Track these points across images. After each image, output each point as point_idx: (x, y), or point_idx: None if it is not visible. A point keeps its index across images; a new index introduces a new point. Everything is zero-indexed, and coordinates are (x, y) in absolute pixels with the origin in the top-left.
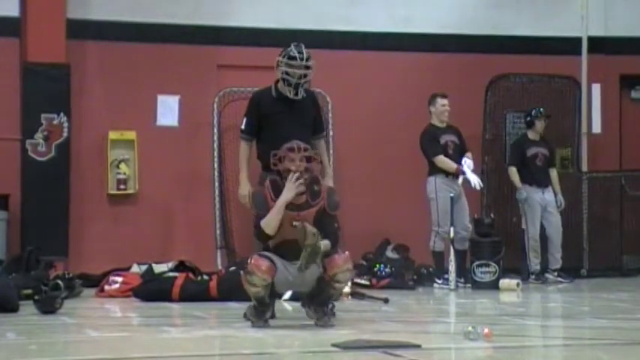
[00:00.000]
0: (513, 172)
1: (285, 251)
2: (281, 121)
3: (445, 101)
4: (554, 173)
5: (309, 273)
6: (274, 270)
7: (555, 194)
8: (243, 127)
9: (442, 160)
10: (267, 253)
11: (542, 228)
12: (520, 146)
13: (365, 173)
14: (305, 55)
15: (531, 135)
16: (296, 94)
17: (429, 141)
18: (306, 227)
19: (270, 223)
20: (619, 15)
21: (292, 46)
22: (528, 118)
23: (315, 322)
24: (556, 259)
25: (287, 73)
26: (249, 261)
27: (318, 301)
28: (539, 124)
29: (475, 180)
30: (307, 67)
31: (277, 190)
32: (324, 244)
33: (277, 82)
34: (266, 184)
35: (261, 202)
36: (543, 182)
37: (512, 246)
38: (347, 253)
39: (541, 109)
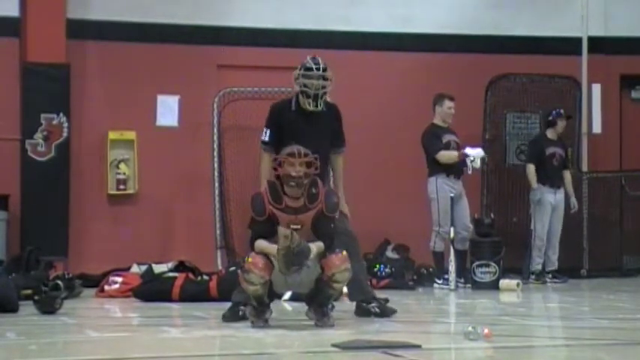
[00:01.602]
0: (531, 169)
1: None
2: (298, 135)
3: (452, 104)
4: (568, 175)
5: (305, 274)
6: (271, 267)
7: (569, 196)
8: (264, 138)
9: (443, 154)
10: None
11: None
12: (539, 144)
13: (365, 173)
14: (321, 66)
15: (550, 134)
16: (316, 105)
17: (430, 139)
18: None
19: (262, 250)
20: (619, 15)
21: (308, 58)
22: (550, 118)
23: (315, 323)
24: (551, 261)
25: (305, 85)
26: (245, 259)
27: (318, 302)
28: (561, 124)
29: (479, 154)
30: (325, 78)
31: (275, 194)
32: (317, 245)
33: (297, 95)
34: (264, 187)
35: (259, 206)
36: (556, 183)
37: (512, 246)
38: (344, 252)
39: (562, 110)
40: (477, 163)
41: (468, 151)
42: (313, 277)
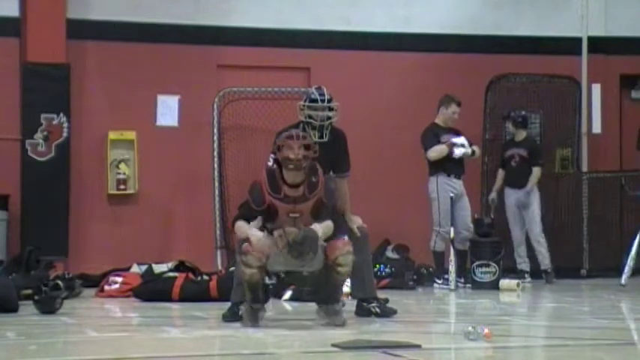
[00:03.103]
0: (498, 174)
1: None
2: None
3: (458, 110)
4: (534, 170)
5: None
6: (267, 250)
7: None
8: (270, 164)
9: (434, 150)
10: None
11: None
12: (503, 148)
13: (365, 173)
14: (326, 97)
15: (515, 136)
16: (321, 136)
17: (428, 138)
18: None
19: (241, 232)
20: (619, 15)
21: (313, 89)
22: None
23: (327, 322)
24: (539, 260)
25: (310, 117)
26: (242, 246)
27: (327, 294)
28: (507, 125)
29: (464, 145)
30: (330, 109)
31: (273, 182)
32: (324, 225)
33: (302, 123)
34: (262, 175)
35: (258, 196)
36: (518, 183)
37: (512, 246)
38: (346, 237)
39: (511, 112)
40: (466, 150)
41: (457, 143)
42: (311, 255)
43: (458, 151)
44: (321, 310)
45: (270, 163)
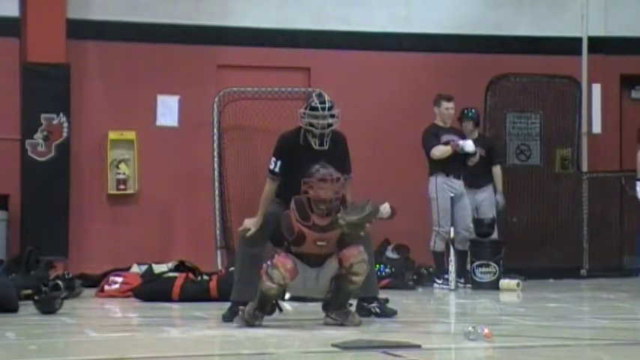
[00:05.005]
0: None
1: (304, 260)
2: (305, 168)
3: (450, 104)
4: (496, 170)
5: (323, 278)
6: (295, 274)
7: (496, 192)
8: (274, 169)
9: (437, 149)
10: (292, 256)
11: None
12: None
13: (365, 173)
14: (327, 105)
15: (470, 135)
16: (321, 144)
17: (428, 138)
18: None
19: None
20: (619, 15)
21: (314, 96)
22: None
23: (340, 323)
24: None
25: (311, 124)
26: (275, 255)
27: (338, 303)
28: (464, 126)
29: (469, 145)
30: (331, 116)
31: (303, 212)
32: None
33: (303, 129)
34: (291, 205)
35: (287, 225)
36: (475, 183)
37: (512, 246)
38: (361, 247)
39: (466, 110)
40: (470, 147)
41: (461, 142)
42: (330, 276)
43: (468, 146)
44: (331, 317)
45: (272, 167)
